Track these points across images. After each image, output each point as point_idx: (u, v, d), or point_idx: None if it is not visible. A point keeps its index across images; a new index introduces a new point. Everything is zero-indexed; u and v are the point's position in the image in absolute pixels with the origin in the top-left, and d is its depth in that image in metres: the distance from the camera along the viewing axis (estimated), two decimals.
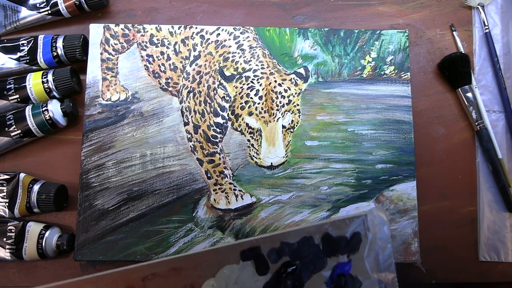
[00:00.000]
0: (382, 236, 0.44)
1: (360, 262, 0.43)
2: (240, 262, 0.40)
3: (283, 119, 0.51)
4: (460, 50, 0.55)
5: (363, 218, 0.43)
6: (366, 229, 0.43)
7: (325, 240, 0.42)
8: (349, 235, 0.43)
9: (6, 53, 0.51)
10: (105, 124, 0.51)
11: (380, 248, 0.43)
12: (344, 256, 0.42)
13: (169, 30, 0.53)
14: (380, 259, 0.43)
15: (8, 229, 0.47)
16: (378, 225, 0.44)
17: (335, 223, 0.43)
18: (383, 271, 0.43)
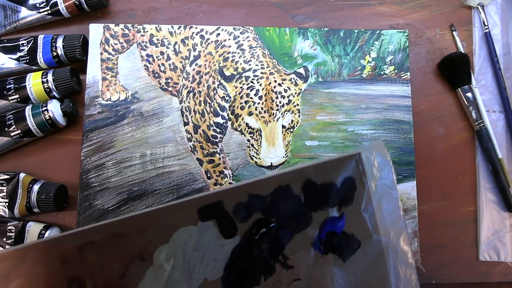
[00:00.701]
0: (385, 181, 0.34)
1: (356, 217, 0.33)
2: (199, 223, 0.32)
3: (283, 119, 0.51)
4: (460, 50, 0.55)
5: (357, 158, 0.34)
6: (361, 173, 0.34)
7: (307, 189, 0.33)
8: (339, 182, 0.33)
9: (6, 53, 0.51)
10: (105, 124, 0.51)
11: (383, 197, 0.34)
12: (334, 210, 0.33)
13: (169, 30, 0.53)
14: (384, 211, 0.34)
15: (8, 229, 0.47)
16: (377, 167, 0.34)
17: (319, 165, 0.33)
18: (388, 227, 0.34)
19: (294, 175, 0.33)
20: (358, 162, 0.34)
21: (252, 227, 0.33)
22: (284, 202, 0.33)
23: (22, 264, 0.32)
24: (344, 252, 0.33)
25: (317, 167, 0.33)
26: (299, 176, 0.33)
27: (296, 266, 0.33)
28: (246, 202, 0.33)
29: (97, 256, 0.32)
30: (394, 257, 0.33)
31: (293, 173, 0.33)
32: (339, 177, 0.34)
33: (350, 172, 0.34)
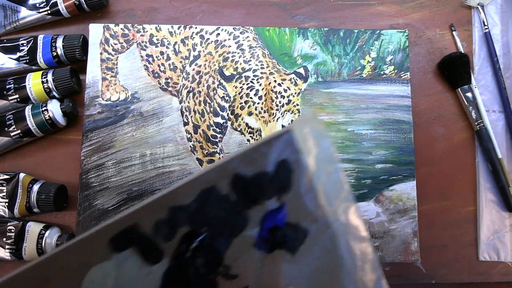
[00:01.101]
0: (323, 156, 0.30)
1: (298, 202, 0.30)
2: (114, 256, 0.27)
3: (283, 119, 0.51)
4: (460, 50, 0.55)
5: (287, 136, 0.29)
6: (295, 152, 0.29)
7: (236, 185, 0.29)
8: (272, 168, 0.29)
9: (5, 53, 0.51)
10: (105, 124, 0.51)
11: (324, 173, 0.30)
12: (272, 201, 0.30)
13: (168, 30, 0.53)
14: (327, 188, 0.30)
15: (8, 229, 0.47)
16: (313, 141, 0.30)
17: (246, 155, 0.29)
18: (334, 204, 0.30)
19: (218, 173, 0.28)
20: (290, 141, 0.29)
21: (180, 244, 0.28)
22: (212, 206, 0.29)
23: None
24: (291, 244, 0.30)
25: (243, 158, 0.29)
26: (224, 172, 0.28)
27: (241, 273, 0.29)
28: (166, 218, 0.28)
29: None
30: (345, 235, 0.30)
31: (216, 171, 0.28)
32: (271, 162, 0.29)
33: (283, 154, 0.29)
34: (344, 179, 0.30)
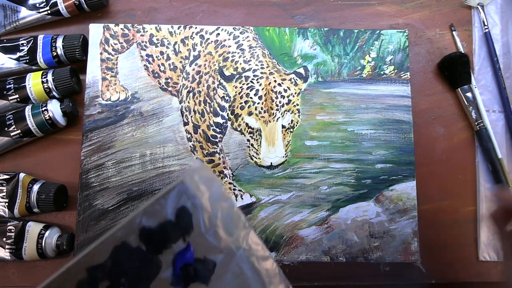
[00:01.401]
0: (216, 196, 0.35)
1: (202, 239, 0.34)
2: None
3: (283, 119, 0.51)
4: (460, 50, 0.55)
5: (181, 186, 0.34)
6: (190, 197, 0.34)
7: (144, 237, 0.33)
8: (172, 216, 0.34)
9: (5, 53, 0.51)
10: (104, 124, 0.51)
11: (219, 210, 0.35)
12: (179, 243, 0.34)
13: (168, 30, 0.53)
14: (225, 222, 0.35)
15: (8, 229, 0.47)
16: (205, 186, 0.35)
17: (148, 210, 0.33)
18: (235, 233, 0.35)
19: (126, 229, 0.32)
20: (185, 189, 0.35)
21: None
22: (126, 259, 0.32)
23: None
24: (203, 276, 0.34)
25: (146, 213, 0.33)
26: (132, 228, 0.33)
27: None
28: (86, 277, 0.30)
29: None
30: (250, 257, 0.35)
31: (124, 228, 0.32)
32: (171, 211, 0.34)
33: (180, 201, 0.34)
34: (238, 211, 0.35)
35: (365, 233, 0.49)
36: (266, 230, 0.49)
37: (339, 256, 0.48)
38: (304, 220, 0.49)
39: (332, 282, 0.50)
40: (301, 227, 0.49)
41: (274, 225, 0.49)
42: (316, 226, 0.49)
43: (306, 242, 0.49)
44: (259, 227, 0.49)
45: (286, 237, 0.49)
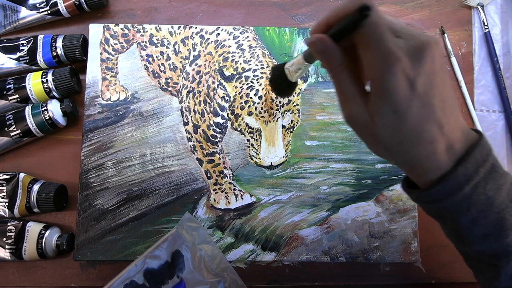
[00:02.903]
0: (201, 240, 0.46)
1: (192, 275, 0.44)
2: None
3: (283, 119, 0.51)
4: (450, 52, 0.54)
5: (175, 235, 0.45)
6: (183, 242, 0.45)
7: (148, 275, 0.43)
8: (169, 258, 0.45)
9: (5, 53, 0.51)
10: (105, 124, 0.51)
11: (204, 251, 0.46)
12: (174, 279, 0.44)
13: (168, 30, 0.53)
14: (209, 260, 0.45)
15: (8, 229, 0.47)
16: (192, 233, 0.46)
17: (152, 254, 0.44)
18: (217, 268, 0.45)
19: (134, 271, 0.43)
20: (177, 237, 0.45)
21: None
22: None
23: None
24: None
25: (150, 256, 0.44)
26: (139, 269, 0.43)
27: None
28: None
29: None
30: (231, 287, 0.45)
31: (133, 270, 0.43)
32: (168, 254, 0.45)
33: (175, 246, 0.45)
34: (218, 250, 0.46)
35: (365, 233, 0.49)
36: (266, 230, 0.49)
37: (339, 256, 0.48)
38: (304, 220, 0.49)
39: (332, 282, 0.50)
40: (301, 227, 0.49)
41: (274, 225, 0.49)
42: (316, 226, 0.49)
43: (306, 242, 0.49)
44: (259, 227, 0.49)
45: (286, 237, 0.49)
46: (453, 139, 0.28)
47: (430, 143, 0.28)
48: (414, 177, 0.32)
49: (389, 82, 0.26)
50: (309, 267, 0.50)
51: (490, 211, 0.29)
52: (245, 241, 0.49)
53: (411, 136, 0.28)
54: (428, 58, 0.26)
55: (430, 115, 0.27)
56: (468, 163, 0.28)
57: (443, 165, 0.29)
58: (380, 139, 0.29)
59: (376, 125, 0.28)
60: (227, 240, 0.49)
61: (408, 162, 0.30)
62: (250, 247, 0.49)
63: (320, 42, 0.29)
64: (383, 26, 0.26)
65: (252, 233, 0.49)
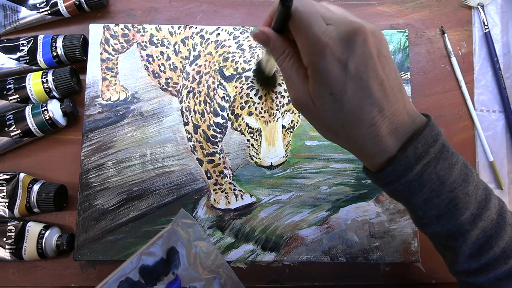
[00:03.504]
0: (196, 237, 0.46)
1: (187, 271, 0.44)
2: None
3: (283, 119, 0.51)
4: (450, 52, 0.55)
5: (170, 232, 0.45)
6: (179, 239, 0.45)
7: (143, 272, 0.43)
8: (164, 255, 0.44)
9: (6, 53, 0.51)
10: (105, 124, 0.51)
11: (200, 247, 0.45)
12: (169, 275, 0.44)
13: (169, 30, 0.53)
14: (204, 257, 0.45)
15: (8, 229, 0.47)
16: (188, 230, 0.46)
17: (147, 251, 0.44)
18: (213, 265, 0.45)
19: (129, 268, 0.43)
20: (172, 234, 0.45)
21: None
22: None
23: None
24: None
25: (146, 253, 0.44)
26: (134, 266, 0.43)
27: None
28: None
29: None
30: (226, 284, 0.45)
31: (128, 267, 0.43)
32: (163, 250, 0.44)
33: (170, 243, 0.45)
34: (213, 247, 0.46)
35: (365, 233, 0.49)
36: (266, 230, 0.49)
37: (339, 256, 0.48)
38: (304, 220, 0.49)
39: (332, 282, 0.50)
40: (301, 227, 0.49)
41: (274, 225, 0.49)
42: (316, 226, 0.49)
43: (306, 242, 0.49)
44: (259, 227, 0.49)
45: (286, 237, 0.49)
46: (396, 122, 0.29)
47: (371, 125, 0.28)
48: (364, 160, 0.33)
49: (320, 66, 0.28)
50: (309, 267, 0.50)
51: (442, 190, 0.29)
52: (245, 241, 0.49)
53: (351, 118, 0.29)
54: (359, 42, 0.27)
55: (367, 97, 0.28)
56: (418, 143, 0.29)
57: (389, 148, 0.29)
58: (323, 122, 0.30)
59: (318, 108, 0.29)
60: (227, 240, 0.49)
61: (353, 145, 0.31)
62: (250, 247, 0.49)
63: (262, 34, 0.32)
64: (311, 15, 0.28)
65: (252, 233, 0.49)
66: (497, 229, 0.31)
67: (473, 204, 0.30)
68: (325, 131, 0.32)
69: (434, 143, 0.29)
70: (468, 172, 0.30)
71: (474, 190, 0.30)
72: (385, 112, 0.28)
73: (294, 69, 0.30)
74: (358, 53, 0.27)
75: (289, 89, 0.32)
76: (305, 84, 0.30)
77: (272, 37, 0.31)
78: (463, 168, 0.30)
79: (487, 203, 0.31)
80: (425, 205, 0.30)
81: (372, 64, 0.28)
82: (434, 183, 0.29)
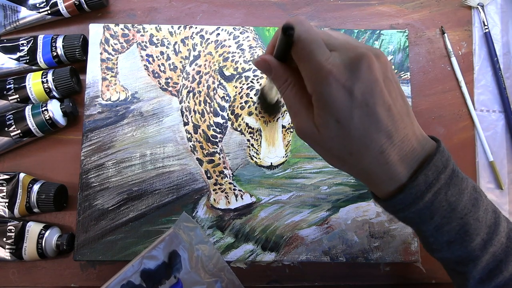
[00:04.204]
0: (198, 240, 0.46)
1: (189, 275, 0.44)
2: None
3: (283, 119, 0.51)
4: (450, 52, 0.55)
5: (172, 235, 0.45)
6: (180, 242, 0.45)
7: (144, 276, 0.43)
8: (166, 258, 0.44)
9: (6, 53, 0.51)
10: (105, 124, 0.51)
11: (201, 251, 0.46)
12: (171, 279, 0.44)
13: (168, 30, 0.53)
14: (206, 260, 0.45)
15: (8, 229, 0.47)
16: (189, 233, 0.46)
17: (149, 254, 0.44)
18: (214, 268, 0.45)
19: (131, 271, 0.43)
20: (174, 237, 0.45)
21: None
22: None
23: None
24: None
25: (147, 256, 0.44)
26: (136, 269, 0.43)
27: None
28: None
29: None
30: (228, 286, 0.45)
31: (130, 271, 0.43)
32: (165, 254, 0.45)
33: (172, 246, 0.45)
34: (215, 251, 0.46)
35: (365, 233, 0.49)
36: (266, 230, 0.49)
37: (339, 256, 0.48)
38: (304, 220, 0.49)
39: (332, 282, 0.50)
40: (301, 227, 0.49)
41: (274, 225, 0.49)
42: (316, 226, 0.49)
43: (306, 242, 0.49)
44: (259, 227, 0.49)
45: (286, 237, 0.49)
46: (406, 148, 0.28)
47: (380, 153, 0.28)
48: (372, 188, 0.32)
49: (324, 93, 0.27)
50: (309, 267, 0.50)
51: (453, 217, 0.29)
52: (245, 241, 0.49)
53: (359, 146, 0.28)
54: (364, 68, 0.27)
55: (374, 123, 0.27)
56: (429, 171, 0.28)
57: (398, 175, 0.29)
58: (330, 150, 0.29)
59: (323, 137, 0.29)
60: (227, 240, 0.49)
61: (362, 174, 0.30)
62: (250, 247, 0.49)
63: (264, 62, 0.31)
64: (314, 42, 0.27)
65: (252, 233, 0.49)
66: (506, 253, 0.30)
67: (483, 230, 0.30)
68: (331, 159, 0.31)
69: (445, 169, 0.29)
70: (477, 196, 0.30)
71: (484, 214, 0.30)
72: (394, 139, 0.28)
73: (298, 98, 0.30)
74: (363, 79, 0.27)
75: (293, 118, 0.31)
76: (309, 112, 0.29)
77: (274, 65, 0.30)
78: (472, 193, 0.30)
79: (497, 228, 0.30)
80: (436, 232, 0.30)
81: (378, 90, 0.27)
82: (445, 210, 0.29)
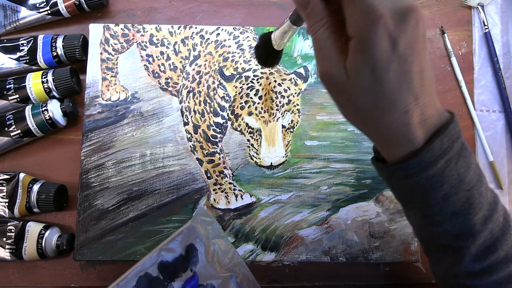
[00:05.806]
0: (215, 235, 0.46)
1: (205, 269, 0.45)
2: None
3: (283, 119, 0.51)
4: (451, 52, 0.55)
5: (189, 228, 0.45)
6: (197, 236, 0.45)
7: (162, 268, 0.44)
8: (183, 251, 0.45)
9: (5, 53, 0.51)
10: (105, 124, 0.51)
11: (218, 245, 0.46)
12: (188, 272, 0.44)
13: (169, 30, 0.53)
14: (222, 255, 0.45)
15: (8, 229, 0.47)
16: (206, 227, 0.46)
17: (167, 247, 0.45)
18: (230, 263, 0.45)
19: (149, 263, 0.43)
20: (192, 230, 0.45)
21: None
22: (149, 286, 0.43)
23: None
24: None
25: (165, 249, 0.44)
26: (154, 261, 0.44)
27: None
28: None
29: None
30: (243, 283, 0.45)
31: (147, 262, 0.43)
32: (182, 247, 0.45)
33: (189, 240, 0.45)
34: (230, 245, 0.46)
35: (365, 233, 0.49)
36: (266, 230, 0.49)
37: (339, 256, 0.48)
38: (304, 220, 0.49)
39: (332, 282, 0.50)
40: (301, 227, 0.49)
41: (274, 225, 0.49)
42: (316, 226, 0.49)
43: (306, 242, 0.49)
44: (259, 227, 0.49)
45: (286, 237, 0.49)
46: (427, 113, 0.28)
47: (404, 113, 0.27)
48: (385, 149, 0.31)
49: (369, 37, 0.25)
50: (309, 267, 0.50)
51: (461, 188, 0.29)
52: (245, 241, 0.49)
53: (386, 101, 0.27)
54: (412, 22, 0.26)
55: (407, 82, 0.26)
56: (445, 137, 0.28)
57: (415, 139, 0.28)
58: (354, 100, 0.28)
59: (352, 85, 0.27)
60: None
61: (379, 132, 0.30)
62: (250, 247, 0.49)
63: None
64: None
65: (252, 233, 0.49)
66: (502, 232, 0.31)
67: (485, 205, 0.30)
68: (350, 112, 0.30)
69: (457, 139, 0.29)
70: (480, 173, 0.31)
71: (486, 191, 0.30)
72: (419, 101, 0.27)
73: (330, 40, 0.28)
74: (409, 33, 0.25)
75: (320, 60, 0.29)
76: (340, 56, 0.27)
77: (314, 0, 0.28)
78: (477, 169, 0.30)
79: (496, 205, 0.31)
80: (442, 201, 0.30)
81: (419, 48, 0.26)
82: (454, 179, 0.29)
